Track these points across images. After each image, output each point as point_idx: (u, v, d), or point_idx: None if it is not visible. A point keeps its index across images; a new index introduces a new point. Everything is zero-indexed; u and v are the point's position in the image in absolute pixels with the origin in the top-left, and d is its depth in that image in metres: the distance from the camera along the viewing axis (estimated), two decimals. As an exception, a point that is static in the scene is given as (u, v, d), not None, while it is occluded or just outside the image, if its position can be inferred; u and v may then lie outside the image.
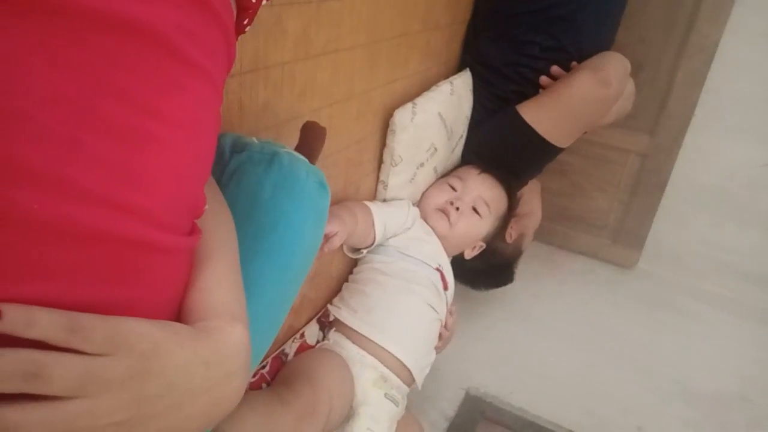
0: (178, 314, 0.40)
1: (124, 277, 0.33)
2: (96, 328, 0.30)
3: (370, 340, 0.98)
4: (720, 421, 1.26)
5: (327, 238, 0.93)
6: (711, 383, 1.35)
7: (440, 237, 1.17)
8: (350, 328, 1.00)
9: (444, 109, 1.16)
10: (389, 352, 0.98)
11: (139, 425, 0.33)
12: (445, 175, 1.28)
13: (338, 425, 0.93)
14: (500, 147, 1.30)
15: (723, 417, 1.27)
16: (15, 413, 0.28)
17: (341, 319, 1.02)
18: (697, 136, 1.56)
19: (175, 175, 0.36)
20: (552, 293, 1.62)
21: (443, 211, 1.18)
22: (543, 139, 1.24)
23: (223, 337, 0.38)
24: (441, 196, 1.20)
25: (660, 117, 1.56)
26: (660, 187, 1.64)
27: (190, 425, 0.36)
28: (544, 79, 1.26)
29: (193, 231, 0.41)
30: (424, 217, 1.18)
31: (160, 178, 0.34)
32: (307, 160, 0.65)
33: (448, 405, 1.25)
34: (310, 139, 0.74)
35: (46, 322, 0.29)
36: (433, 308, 1.08)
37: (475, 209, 1.19)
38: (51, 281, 0.29)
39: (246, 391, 0.69)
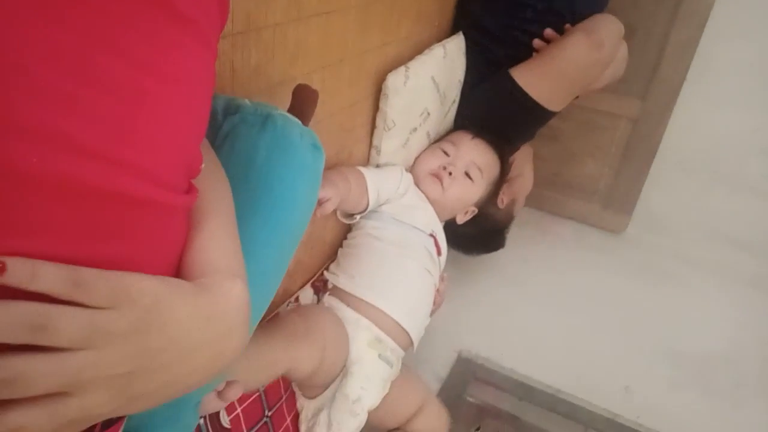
0: (178, 272, 0.41)
1: (123, 234, 0.34)
2: (99, 281, 0.31)
3: (367, 302, 0.99)
4: (706, 381, 1.30)
5: (320, 203, 0.93)
6: (698, 345, 1.39)
7: (433, 202, 1.18)
8: (347, 293, 1.01)
9: (437, 73, 1.16)
10: (387, 314, 0.99)
11: (143, 377, 0.33)
12: (438, 140, 1.28)
13: (332, 375, 0.94)
14: (493, 111, 1.30)
15: (709, 378, 1.31)
16: (22, 362, 0.28)
17: (339, 285, 1.03)
18: (689, 101, 1.57)
19: (171, 132, 0.36)
20: (542, 258, 1.64)
21: (436, 176, 1.18)
22: (536, 103, 1.24)
23: (224, 293, 0.38)
24: (434, 161, 1.20)
25: (652, 82, 1.56)
26: (650, 152, 1.65)
27: (192, 378, 0.37)
28: (537, 42, 1.25)
29: (190, 190, 0.41)
30: (417, 182, 1.19)
31: (157, 134, 0.34)
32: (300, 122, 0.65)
33: (441, 366, 1.27)
34: (302, 102, 0.74)
35: (49, 275, 0.29)
36: (428, 272, 1.09)
37: (467, 174, 1.20)
38: (51, 236, 0.30)
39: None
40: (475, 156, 1.22)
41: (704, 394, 1.27)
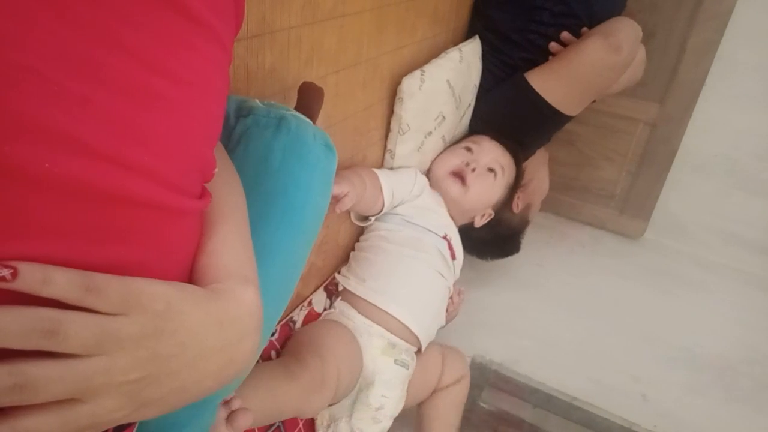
0: (190, 277, 0.40)
1: (134, 238, 0.33)
2: (111, 287, 0.31)
3: (376, 306, 0.99)
4: (724, 387, 1.27)
5: (336, 199, 0.93)
6: (716, 351, 1.36)
7: (453, 201, 1.17)
8: (357, 297, 1.01)
9: (452, 77, 1.15)
10: (395, 318, 0.99)
11: (155, 383, 0.33)
12: (456, 142, 1.27)
13: (347, 394, 0.94)
14: (508, 115, 1.29)
15: (727, 383, 1.28)
16: (33, 368, 0.28)
17: (349, 288, 1.02)
18: (708, 104, 1.54)
19: (184, 135, 0.35)
20: (558, 263, 1.62)
21: (458, 175, 1.17)
22: (552, 107, 1.22)
23: (236, 298, 0.38)
24: (455, 159, 1.19)
25: (670, 85, 1.54)
26: (669, 156, 1.62)
27: (205, 384, 0.37)
28: (553, 46, 1.24)
29: (203, 194, 0.40)
30: (437, 183, 1.18)
31: (170, 137, 0.34)
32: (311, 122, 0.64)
33: (455, 372, 1.26)
34: (309, 100, 0.74)
35: (61, 280, 0.29)
36: (441, 275, 1.08)
37: (490, 170, 1.19)
38: (62, 240, 0.29)
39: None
40: (496, 155, 1.22)
41: (725, 400, 1.24)
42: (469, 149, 1.21)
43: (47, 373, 0.28)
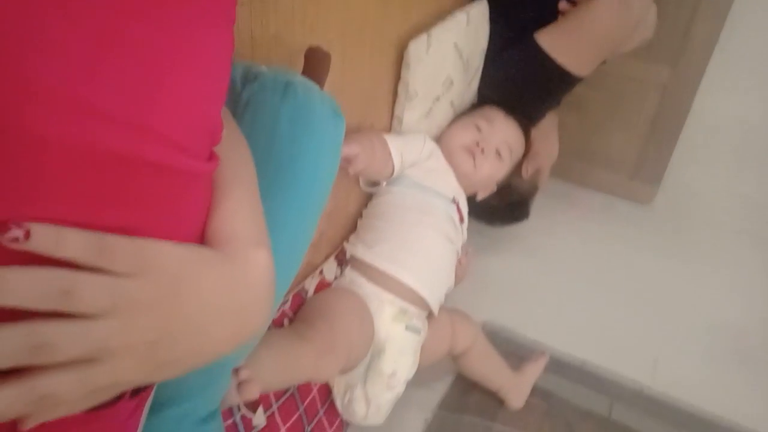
0: (202, 242, 0.40)
1: (145, 201, 0.33)
2: (124, 249, 0.31)
3: (385, 273, 0.99)
4: (736, 351, 1.27)
5: (348, 160, 0.93)
6: (728, 315, 1.36)
7: (462, 175, 1.16)
8: (366, 264, 1.01)
9: (460, 40, 1.13)
10: (404, 284, 0.99)
11: (171, 344, 0.33)
12: (468, 113, 1.25)
13: (359, 362, 0.95)
14: (518, 78, 1.27)
15: (739, 348, 1.28)
16: (50, 328, 0.28)
17: (357, 255, 1.02)
18: (721, 65, 1.51)
19: (193, 96, 0.35)
20: (568, 229, 1.61)
21: (470, 152, 1.16)
22: (562, 68, 1.20)
23: (249, 261, 0.38)
24: (467, 136, 1.18)
25: (683, 46, 1.51)
26: (680, 120, 1.60)
27: (219, 346, 0.37)
28: (563, 5, 1.21)
29: (212, 157, 0.40)
30: (448, 155, 1.17)
31: (179, 99, 0.33)
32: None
33: (465, 338, 1.27)
34: (316, 66, 0.73)
35: (74, 241, 0.29)
36: (449, 239, 1.08)
37: (498, 153, 1.18)
38: (71, 203, 0.29)
39: (268, 327, 0.71)
40: (507, 135, 1.20)
41: (736, 363, 1.24)
42: (479, 128, 1.19)
43: (64, 332, 0.29)
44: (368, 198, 1.14)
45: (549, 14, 1.23)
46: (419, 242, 1.04)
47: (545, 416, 1.15)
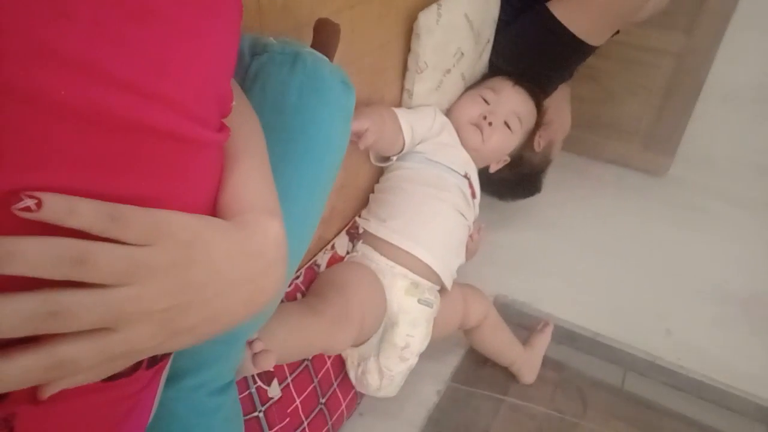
0: (214, 212, 0.40)
1: (156, 170, 0.33)
2: (136, 217, 0.31)
3: (398, 247, 0.99)
4: (750, 321, 1.27)
5: (358, 135, 0.92)
6: (743, 286, 1.35)
7: (471, 150, 1.15)
8: (378, 239, 1.01)
9: (471, 11, 1.11)
10: (418, 258, 0.99)
11: (186, 312, 0.33)
12: (476, 85, 1.24)
13: (372, 335, 0.96)
14: (530, 49, 1.25)
15: (753, 317, 1.27)
16: (66, 296, 0.28)
17: (370, 230, 1.02)
18: (738, 32, 1.47)
19: (204, 64, 0.35)
20: (581, 202, 1.60)
21: (477, 125, 1.15)
22: (575, 38, 1.18)
23: (261, 229, 0.38)
24: (474, 109, 1.17)
25: (698, 13, 1.47)
26: (695, 89, 1.57)
27: (234, 313, 0.37)
28: (576, -27, 1.18)
29: (222, 128, 0.40)
30: (457, 129, 1.16)
31: (190, 67, 0.33)
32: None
33: (477, 311, 1.27)
34: (325, 37, 0.71)
35: (87, 210, 0.29)
36: (462, 214, 1.07)
37: (507, 124, 1.17)
38: (83, 171, 0.29)
39: (281, 301, 0.71)
40: (515, 105, 1.18)
41: (750, 333, 1.24)
42: (486, 100, 1.17)
43: (79, 300, 0.29)
44: (379, 172, 1.13)
45: (562, -18, 1.20)
46: (432, 217, 1.03)
47: (557, 388, 1.16)
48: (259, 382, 0.81)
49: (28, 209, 0.27)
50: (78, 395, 0.33)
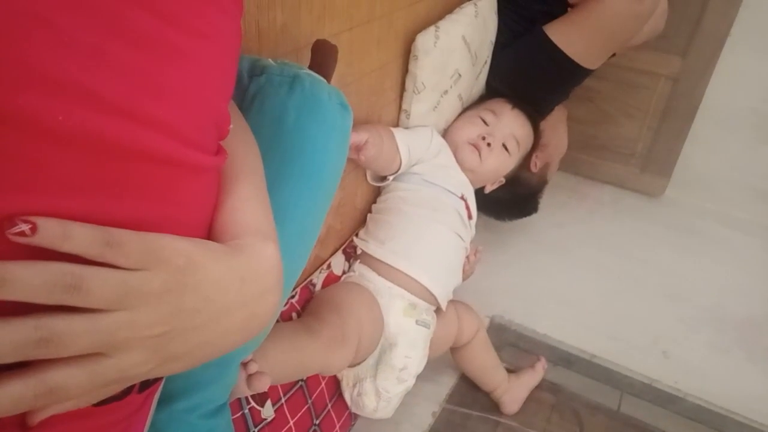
0: (209, 235, 0.40)
1: (152, 195, 0.33)
2: (131, 242, 0.30)
3: (395, 269, 0.99)
4: (747, 345, 1.26)
5: (357, 148, 0.92)
6: (739, 309, 1.35)
7: (468, 170, 1.15)
8: (376, 260, 1.01)
9: (468, 33, 1.12)
10: (415, 280, 0.99)
11: (178, 338, 0.33)
12: (475, 106, 1.24)
13: (368, 355, 0.95)
14: (526, 71, 1.26)
15: (750, 342, 1.27)
16: (58, 322, 0.28)
17: (368, 251, 1.02)
18: (732, 56, 1.49)
19: (200, 89, 0.35)
20: (578, 223, 1.61)
21: (475, 146, 1.15)
22: (572, 61, 1.19)
23: (257, 254, 0.38)
24: (473, 130, 1.17)
25: (694, 37, 1.49)
26: (691, 111, 1.58)
27: (227, 339, 0.37)
28: (573, -4, 1.20)
29: (219, 151, 0.40)
30: (454, 149, 1.16)
31: (186, 91, 0.33)
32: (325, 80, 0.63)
33: (474, 332, 1.26)
34: (323, 58, 0.72)
35: (81, 235, 0.28)
36: (459, 236, 1.07)
37: (504, 146, 1.17)
38: (79, 196, 0.29)
39: (276, 321, 0.70)
40: (514, 128, 1.19)
41: (747, 359, 1.24)
42: (485, 121, 1.18)
43: (72, 326, 0.28)
44: (376, 192, 1.13)
45: (558, 6, 1.21)
46: (430, 239, 1.03)
47: (553, 410, 1.15)
48: (252, 403, 0.80)
49: (22, 234, 0.27)
50: (68, 421, 0.33)
